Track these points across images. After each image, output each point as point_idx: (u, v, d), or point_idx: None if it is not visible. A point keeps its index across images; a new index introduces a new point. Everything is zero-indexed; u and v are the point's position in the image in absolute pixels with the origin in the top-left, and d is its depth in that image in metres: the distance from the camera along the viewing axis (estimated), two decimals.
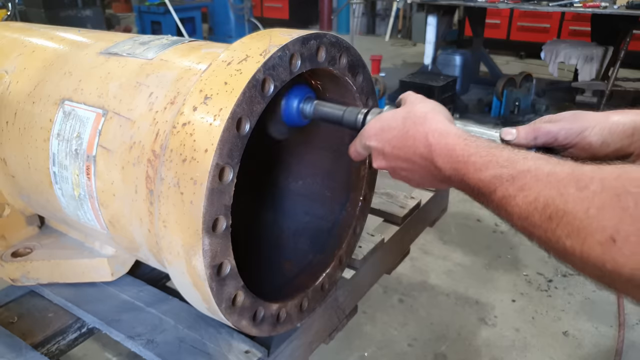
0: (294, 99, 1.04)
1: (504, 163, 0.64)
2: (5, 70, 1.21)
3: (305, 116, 1.06)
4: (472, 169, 0.68)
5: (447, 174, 0.73)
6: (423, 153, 0.76)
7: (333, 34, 0.99)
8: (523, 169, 0.62)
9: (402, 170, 0.83)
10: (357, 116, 0.96)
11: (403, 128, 0.81)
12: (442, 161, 0.73)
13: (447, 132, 0.75)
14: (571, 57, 5.23)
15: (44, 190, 1.14)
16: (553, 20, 8.15)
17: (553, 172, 0.59)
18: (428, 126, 0.77)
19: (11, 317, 1.20)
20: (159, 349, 1.05)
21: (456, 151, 0.71)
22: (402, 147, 0.80)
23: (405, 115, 0.82)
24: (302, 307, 1.12)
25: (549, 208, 0.57)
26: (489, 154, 0.67)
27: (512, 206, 0.62)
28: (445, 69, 6.25)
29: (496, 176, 0.64)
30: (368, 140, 0.87)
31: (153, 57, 1.05)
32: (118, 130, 0.97)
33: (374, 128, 0.86)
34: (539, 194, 0.58)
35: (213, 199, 0.80)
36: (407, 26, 10.58)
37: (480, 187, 0.66)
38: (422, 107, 0.82)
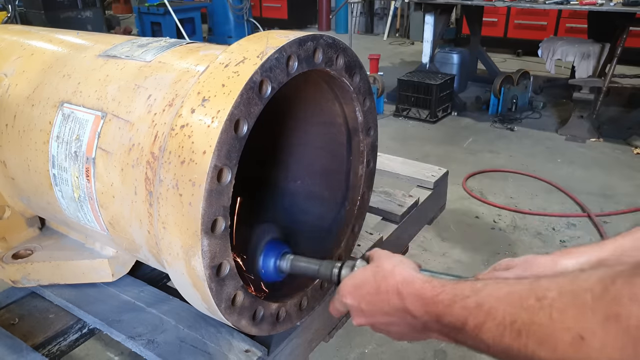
0: (270, 258, 1.08)
1: (468, 293, 0.67)
2: (5, 73, 1.22)
3: (282, 272, 1.09)
4: (442, 306, 0.70)
5: (422, 319, 0.74)
6: (396, 304, 0.79)
7: (330, 35, 1.00)
8: (485, 294, 0.65)
9: (381, 325, 0.86)
10: (332, 270, 1.00)
11: (374, 283, 0.84)
12: (414, 307, 0.75)
13: (414, 279, 0.78)
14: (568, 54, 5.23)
15: (44, 192, 1.15)
16: (550, 18, 8.15)
17: (512, 290, 0.62)
18: (397, 278, 0.81)
19: (12, 318, 1.20)
20: (159, 349, 1.05)
21: (425, 294, 0.74)
22: (377, 301, 0.83)
23: (375, 271, 0.86)
24: (302, 306, 1.13)
25: (515, 324, 0.59)
26: (453, 289, 0.70)
27: (484, 332, 0.63)
28: (443, 67, 6.26)
29: (464, 307, 0.66)
30: (344, 298, 0.90)
31: (151, 59, 1.05)
32: (117, 132, 0.98)
33: (348, 286, 0.90)
34: (505, 312, 0.61)
35: (211, 200, 0.81)
36: (405, 25, 10.59)
37: (453, 323, 0.68)
38: (389, 262, 0.86)
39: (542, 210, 3.75)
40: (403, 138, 5.31)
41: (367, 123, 1.23)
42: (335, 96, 1.16)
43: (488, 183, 4.23)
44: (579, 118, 5.12)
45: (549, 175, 4.28)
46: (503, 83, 5.61)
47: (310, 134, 1.28)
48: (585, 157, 4.69)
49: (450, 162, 4.55)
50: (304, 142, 1.30)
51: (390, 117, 5.90)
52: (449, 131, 5.49)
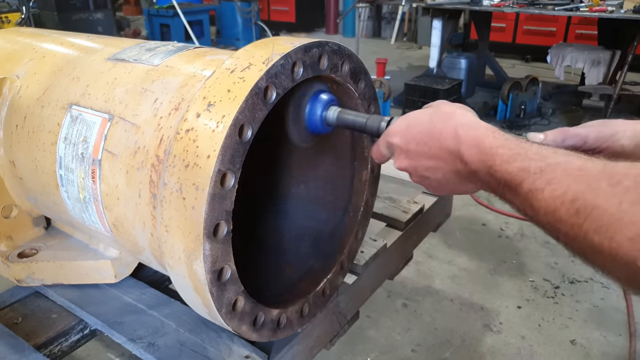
0: (317, 107, 1.05)
1: (532, 156, 0.63)
2: (17, 75, 1.23)
3: (329, 124, 1.06)
4: (500, 160, 0.66)
5: (473, 167, 0.70)
6: (450, 146, 0.74)
7: (335, 42, 1.00)
8: (552, 162, 0.60)
9: (424, 170, 0.81)
10: (380, 123, 0.96)
11: (430, 123, 0.79)
12: (469, 153, 0.71)
13: (477, 126, 0.73)
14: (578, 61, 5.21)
15: (50, 193, 1.16)
16: (559, 24, 8.13)
17: (584, 166, 0.57)
18: (457, 120, 0.76)
19: (16, 317, 1.21)
20: (159, 353, 1.06)
21: (485, 142, 0.69)
22: (428, 141, 0.78)
23: (432, 112, 0.81)
24: (303, 312, 1.13)
25: (577, 202, 0.55)
26: (517, 147, 0.66)
27: (538, 200, 0.59)
28: (451, 72, 6.26)
29: (524, 168, 0.62)
30: (392, 138, 0.85)
31: (159, 63, 1.06)
32: (123, 135, 0.99)
33: (400, 125, 0.85)
34: (568, 188, 0.57)
35: (214, 204, 0.81)
36: (413, 29, 10.59)
37: (506, 180, 0.64)
38: (449, 106, 0.81)
39: None
40: None
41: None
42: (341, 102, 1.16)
43: None
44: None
45: None
46: (511, 89, 5.59)
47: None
48: None
49: None
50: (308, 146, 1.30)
51: None
52: None
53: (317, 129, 1.07)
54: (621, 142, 0.78)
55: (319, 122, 1.06)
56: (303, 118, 1.06)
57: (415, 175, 0.84)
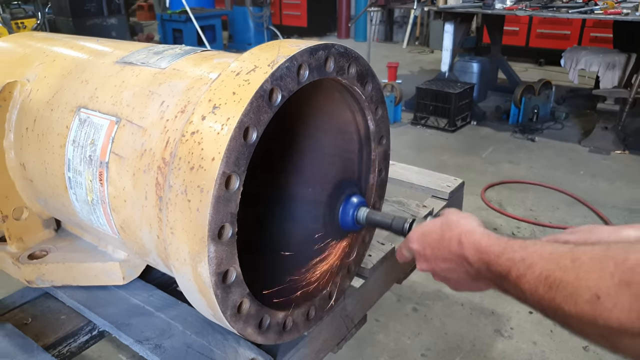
0: (349, 209, 1.19)
1: (517, 248, 0.75)
2: (28, 79, 1.25)
3: (359, 223, 1.19)
4: (493, 255, 0.79)
5: (476, 266, 0.83)
6: (456, 250, 0.87)
7: (342, 44, 1.00)
8: (531, 251, 0.73)
9: (441, 271, 0.94)
10: (404, 225, 1.11)
11: (440, 232, 0.93)
12: (470, 254, 0.84)
13: (475, 231, 0.87)
14: (592, 64, 5.15)
15: (59, 195, 1.17)
16: (574, 27, 8.06)
17: (555, 250, 0.69)
18: (461, 229, 0.89)
19: (25, 318, 1.22)
20: (166, 354, 1.06)
21: (481, 244, 0.83)
22: (440, 247, 0.92)
23: (442, 221, 0.95)
24: (309, 315, 1.12)
25: (549, 279, 0.67)
26: (506, 243, 0.79)
27: (523, 283, 0.71)
28: (463, 76, 6.22)
29: (510, 259, 0.75)
30: (411, 244, 1.00)
31: (166, 66, 1.07)
32: (130, 137, 0.99)
33: (417, 233, 0.99)
34: (542, 268, 0.68)
35: (219, 206, 0.81)
36: (425, 33, 10.56)
37: (499, 271, 0.76)
38: (456, 215, 0.94)
39: (564, 224, 3.68)
40: (420, 147, 5.28)
41: (380, 132, 1.22)
42: (348, 105, 1.16)
43: (507, 194, 4.18)
44: (603, 129, 5.03)
45: (570, 188, 4.20)
46: (524, 92, 5.55)
47: (322, 141, 1.28)
48: (609, 170, 4.61)
49: (468, 172, 4.51)
50: (315, 149, 1.30)
51: (407, 126, 5.88)
52: (468, 141, 5.44)
53: (349, 228, 1.21)
54: None
55: (351, 222, 1.19)
56: (337, 219, 1.21)
57: (435, 275, 0.98)
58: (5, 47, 1.38)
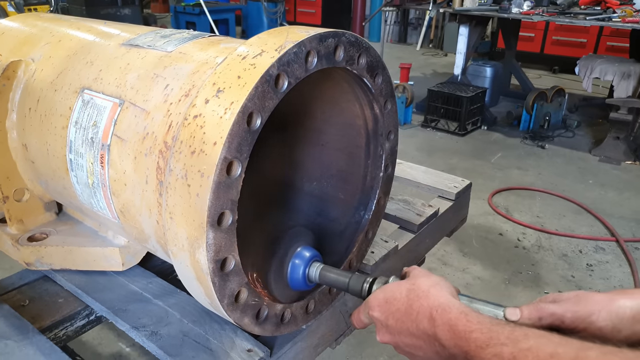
0: (299, 265, 1.06)
1: (504, 340, 0.64)
2: (32, 59, 1.23)
3: (311, 281, 1.07)
4: (474, 345, 0.67)
5: (451, 351, 0.72)
6: (426, 328, 0.76)
7: (352, 33, 0.98)
8: (524, 348, 0.61)
9: (405, 346, 0.82)
10: (362, 285, 0.97)
11: (407, 302, 0.81)
12: (444, 336, 0.73)
13: (450, 308, 0.75)
14: (607, 73, 5.09)
15: (60, 177, 1.15)
16: (590, 35, 7.98)
17: (556, 353, 0.58)
18: (432, 301, 0.77)
19: (23, 300, 1.21)
20: (162, 342, 1.04)
21: (458, 327, 0.71)
22: (406, 320, 0.80)
23: (409, 288, 0.83)
24: (308, 309, 1.10)
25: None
26: (490, 331, 0.67)
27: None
28: (475, 80, 6.18)
29: (497, 354, 0.63)
30: (372, 311, 0.87)
31: (172, 50, 1.05)
32: (133, 120, 0.98)
33: (378, 299, 0.86)
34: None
35: (219, 192, 0.79)
36: (439, 36, 10.51)
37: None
38: (425, 281, 0.83)
39: (570, 232, 3.64)
40: (430, 149, 5.24)
41: (388, 127, 1.20)
42: (356, 97, 1.14)
43: (514, 200, 4.14)
44: (615, 139, 4.97)
45: (578, 197, 4.16)
46: (536, 99, 5.50)
47: (328, 134, 1.26)
48: (619, 180, 4.55)
49: (476, 177, 4.47)
50: (322, 142, 1.28)
51: (418, 128, 5.85)
52: (478, 145, 5.40)
53: (300, 287, 1.08)
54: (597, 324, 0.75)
55: (302, 280, 1.06)
56: (285, 278, 1.07)
57: (398, 349, 0.85)
58: (12, 26, 1.37)
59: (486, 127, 5.85)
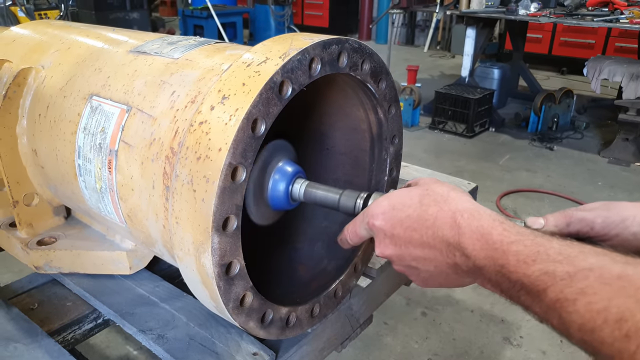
0: (281, 181, 0.96)
1: (556, 257, 0.54)
2: (42, 65, 1.26)
3: (294, 200, 0.98)
4: (514, 260, 0.57)
5: (478, 263, 0.61)
6: (447, 236, 0.65)
7: (356, 39, 0.99)
8: (583, 267, 0.51)
9: (412, 259, 0.72)
10: (356, 200, 0.87)
11: (420, 207, 0.70)
12: (473, 246, 0.62)
13: (479, 213, 0.64)
14: (615, 75, 5.06)
15: (69, 182, 1.17)
16: (598, 36, 7.94)
17: (625, 274, 0.48)
18: (454, 205, 0.67)
19: (32, 303, 1.23)
20: (168, 345, 1.06)
21: (492, 235, 0.60)
22: (419, 228, 0.69)
23: (422, 193, 0.72)
24: (314, 312, 1.11)
25: (626, 324, 0.45)
26: (534, 244, 0.57)
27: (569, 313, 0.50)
28: (483, 82, 6.17)
29: (547, 272, 0.53)
30: (373, 219, 0.76)
31: (179, 56, 1.06)
32: (140, 126, 0.99)
33: (382, 206, 0.75)
34: (609, 303, 0.47)
35: (224, 197, 0.80)
36: (447, 38, 10.49)
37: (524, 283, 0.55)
38: (441, 186, 0.73)
39: None
40: (437, 151, 5.24)
41: (392, 131, 1.21)
42: (360, 102, 1.15)
43: (523, 202, 4.13)
44: (624, 140, 4.95)
45: (587, 198, 4.14)
46: (544, 101, 5.48)
47: (333, 139, 1.27)
48: (628, 182, 4.52)
49: (484, 179, 4.46)
50: (327, 147, 1.29)
51: (425, 130, 5.84)
52: (486, 147, 5.39)
53: (282, 206, 0.98)
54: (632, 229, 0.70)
55: (284, 198, 0.97)
56: (265, 195, 0.97)
57: (399, 264, 0.76)
58: (22, 33, 1.39)
59: (494, 129, 5.83)
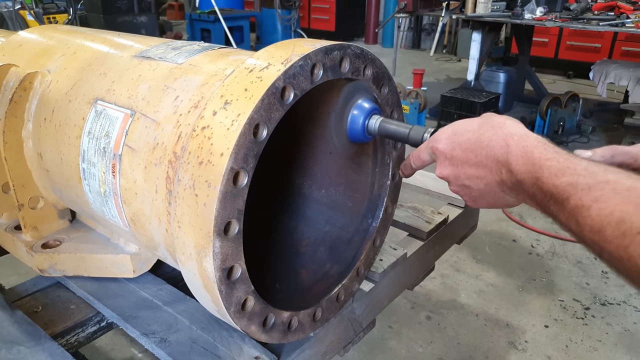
0: (359, 115, 1.06)
1: (581, 171, 0.62)
2: (48, 70, 1.27)
3: (370, 133, 1.07)
4: (547, 173, 0.66)
5: (520, 177, 0.71)
6: (498, 155, 0.75)
7: (358, 45, 0.99)
8: (601, 180, 0.60)
9: (466, 178, 0.81)
10: (423, 134, 0.97)
11: (479, 131, 0.80)
12: (517, 163, 0.71)
13: (527, 136, 0.74)
14: (622, 78, 5.04)
15: (74, 186, 1.18)
16: (604, 40, 7.90)
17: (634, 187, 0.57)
18: (507, 130, 0.76)
19: (36, 306, 1.24)
20: (170, 348, 1.06)
21: (534, 153, 0.70)
22: (475, 149, 0.79)
23: (481, 122, 0.81)
24: (316, 316, 1.11)
25: (623, 224, 0.55)
26: (567, 161, 0.66)
27: (584, 217, 0.59)
28: (489, 86, 6.16)
29: (572, 183, 0.62)
30: (437, 143, 0.86)
31: (183, 61, 1.07)
32: (144, 130, 1.00)
33: (446, 132, 0.85)
34: (615, 208, 0.56)
35: (226, 202, 0.81)
36: (453, 41, 10.48)
37: (553, 193, 0.64)
38: (499, 117, 0.81)
39: None
40: None
41: None
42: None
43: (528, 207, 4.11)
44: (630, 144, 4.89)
45: None
46: (550, 104, 5.46)
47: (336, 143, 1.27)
48: None
49: None
50: (330, 150, 1.29)
51: None
52: None
53: (359, 138, 1.08)
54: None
55: (361, 131, 1.07)
56: (345, 126, 1.08)
57: (455, 183, 0.85)
58: (29, 38, 1.41)
59: None
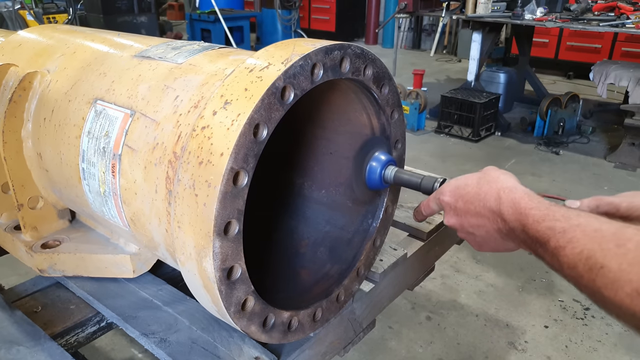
0: (376, 166, 1.18)
1: (559, 217, 0.73)
2: (48, 70, 1.27)
3: (386, 182, 1.18)
4: (532, 220, 0.76)
5: (511, 225, 0.81)
6: (492, 206, 0.86)
7: (358, 45, 0.99)
8: (574, 224, 0.70)
9: (470, 226, 0.92)
10: (433, 184, 1.09)
11: (477, 186, 0.91)
12: (507, 212, 0.82)
13: (516, 189, 0.84)
14: (622, 79, 5.04)
15: (73, 185, 1.18)
16: (605, 41, 7.90)
17: (599, 229, 0.66)
18: (500, 184, 0.87)
19: (35, 306, 1.24)
20: (170, 349, 1.06)
21: (521, 204, 0.80)
22: (474, 201, 0.90)
23: (480, 177, 0.93)
24: (316, 317, 1.11)
25: (590, 260, 0.64)
26: (547, 209, 0.76)
27: (561, 256, 0.69)
28: (489, 86, 6.16)
29: (550, 227, 0.72)
30: (443, 196, 0.98)
31: (183, 61, 1.07)
32: (143, 130, 1.00)
33: (450, 186, 0.97)
34: (584, 247, 0.66)
35: (226, 202, 0.80)
36: (453, 42, 10.48)
37: (537, 237, 0.74)
38: (496, 171, 0.93)
39: None
40: (443, 155, 5.23)
41: (395, 136, 1.21)
42: (363, 107, 1.15)
43: None
44: (630, 145, 4.92)
45: None
46: (550, 105, 5.46)
47: (337, 143, 1.27)
48: (635, 186, 4.49)
49: None
50: (330, 151, 1.29)
51: (431, 134, 5.83)
52: (491, 151, 5.38)
53: (376, 186, 1.19)
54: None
55: (378, 180, 1.18)
56: (364, 177, 1.20)
57: (461, 231, 0.96)
58: (29, 37, 1.41)
59: (500, 133, 5.82)
